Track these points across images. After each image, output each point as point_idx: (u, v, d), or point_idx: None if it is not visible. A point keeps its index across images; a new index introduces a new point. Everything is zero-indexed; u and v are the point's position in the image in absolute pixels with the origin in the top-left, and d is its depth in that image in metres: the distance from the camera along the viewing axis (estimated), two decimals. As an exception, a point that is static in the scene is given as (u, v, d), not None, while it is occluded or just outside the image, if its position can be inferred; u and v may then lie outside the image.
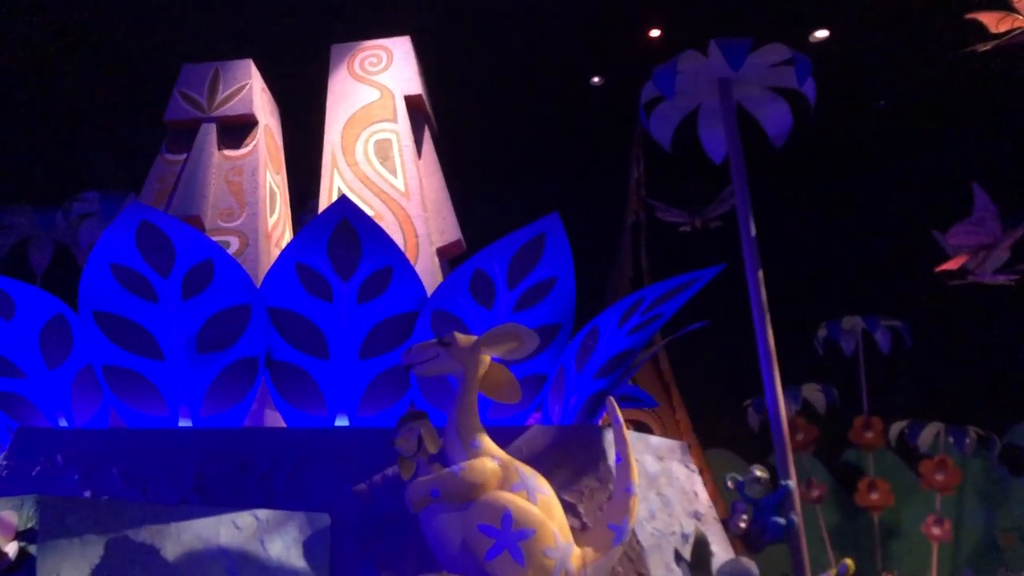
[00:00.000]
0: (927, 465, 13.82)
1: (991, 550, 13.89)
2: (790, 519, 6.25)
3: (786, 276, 15.71)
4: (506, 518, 4.24)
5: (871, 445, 14.36)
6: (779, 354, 15.39)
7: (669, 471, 5.97)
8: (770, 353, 6.71)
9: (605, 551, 4.53)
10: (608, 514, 4.67)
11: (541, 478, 4.58)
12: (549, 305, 5.65)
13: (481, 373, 4.60)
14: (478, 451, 4.48)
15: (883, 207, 14.47)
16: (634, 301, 5.88)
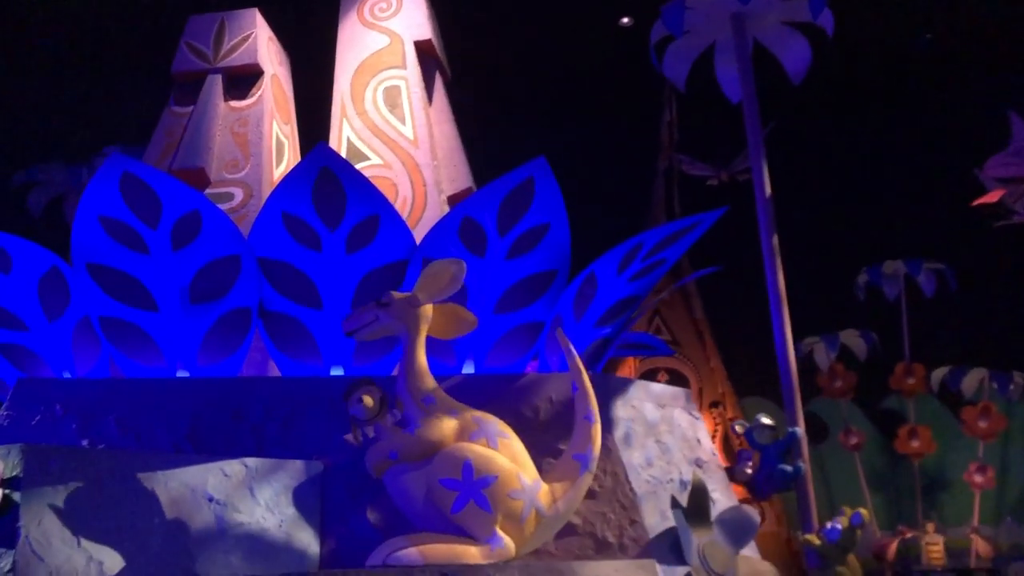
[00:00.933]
0: (970, 412, 13.51)
1: (1036, 498, 13.58)
2: (796, 466, 6.12)
3: (825, 221, 15.35)
4: (466, 468, 4.21)
5: (912, 391, 14.06)
6: (818, 301, 15.11)
7: (671, 418, 5.89)
8: (780, 299, 6.51)
9: (572, 482, 4.50)
10: (572, 445, 4.63)
11: (501, 423, 4.54)
12: (543, 252, 5.56)
13: (425, 325, 4.55)
14: (432, 407, 4.45)
15: (920, 144, 13.95)
16: (633, 246, 5.76)
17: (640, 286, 6.22)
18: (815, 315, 14.82)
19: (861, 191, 14.70)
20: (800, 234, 15.22)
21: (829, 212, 14.99)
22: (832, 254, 15.01)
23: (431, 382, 4.56)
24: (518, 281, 5.64)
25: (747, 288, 15.02)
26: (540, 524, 4.38)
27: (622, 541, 5.11)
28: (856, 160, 14.76)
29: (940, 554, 12.92)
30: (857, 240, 14.91)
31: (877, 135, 14.45)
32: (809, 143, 14.82)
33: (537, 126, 13.69)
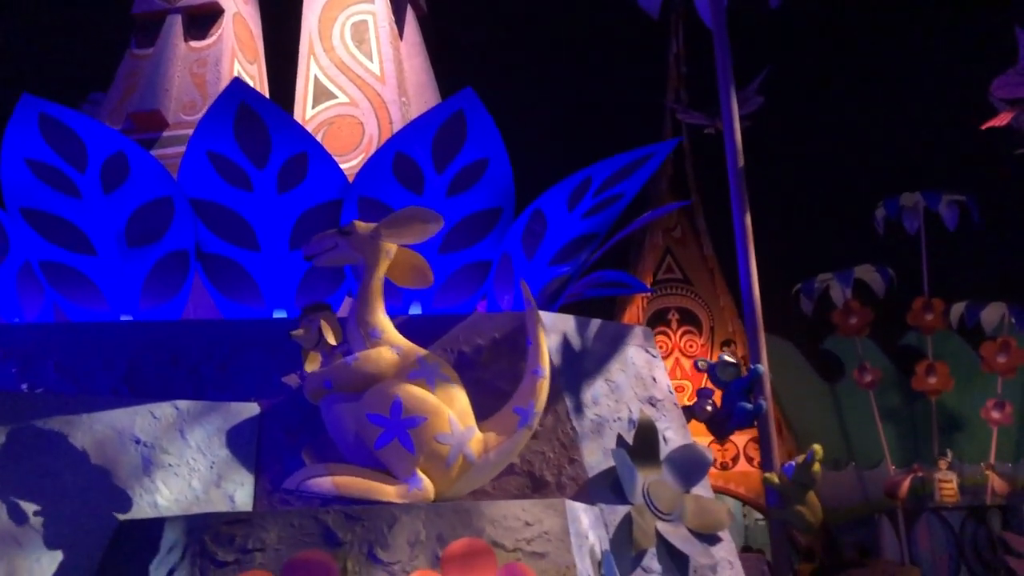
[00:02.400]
0: (988, 347, 13.15)
1: (1057, 434, 13.23)
2: (758, 404, 5.95)
3: (840, 155, 14.89)
4: (395, 406, 4.13)
5: (931, 327, 13.71)
6: (834, 237, 14.75)
7: (625, 357, 5.75)
8: (745, 231, 6.24)
9: (509, 435, 4.39)
10: (515, 398, 4.52)
11: (445, 365, 4.45)
12: (485, 189, 5.40)
13: (385, 261, 4.44)
14: (377, 341, 4.36)
15: (934, 68, 13.36)
16: (581, 181, 5.57)
17: (596, 223, 6.05)
18: (834, 251, 14.50)
19: (876, 123, 14.17)
20: (815, 168, 14.83)
21: (845, 146, 14.53)
22: (851, 188, 14.60)
23: (382, 317, 4.48)
24: (462, 219, 5.50)
25: (758, 225, 14.70)
26: (468, 471, 4.30)
27: (560, 480, 5.03)
28: (868, 91, 14.21)
29: (953, 491, 12.71)
30: (876, 173, 14.47)
31: (890, 63, 13.88)
32: (821, 75, 14.32)
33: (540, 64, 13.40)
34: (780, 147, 14.67)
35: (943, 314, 13.53)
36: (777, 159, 14.72)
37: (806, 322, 14.27)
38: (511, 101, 14.68)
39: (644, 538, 4.88)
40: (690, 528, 5.21)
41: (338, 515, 3.86)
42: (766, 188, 14.90)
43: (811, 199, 14.60)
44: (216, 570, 3.67)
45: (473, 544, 3.66)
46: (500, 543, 3.80)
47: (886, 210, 13.74)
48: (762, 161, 15.04)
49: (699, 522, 5.26)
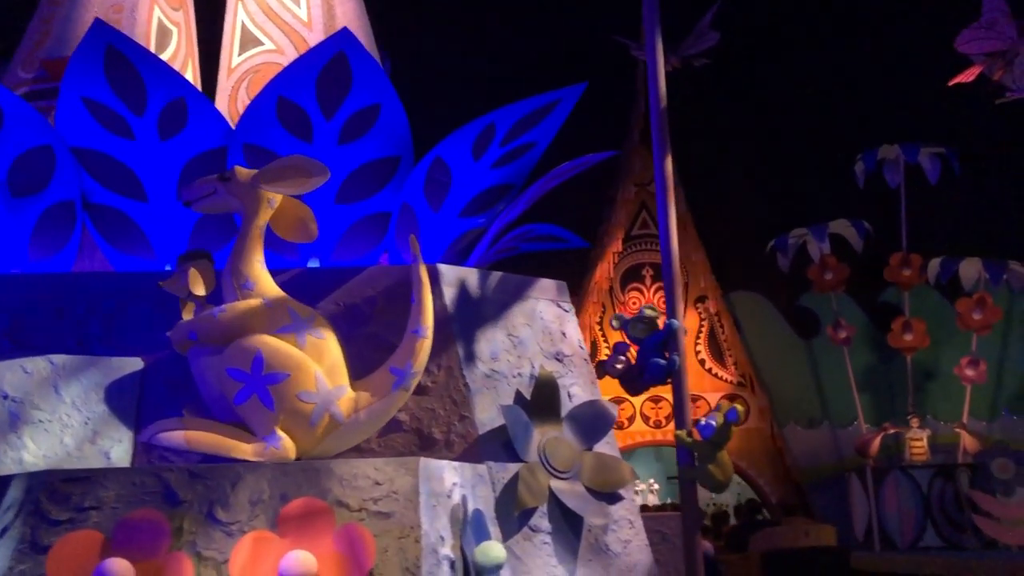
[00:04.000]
0: (965, 303, 12.86)
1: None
2: (671, 359, 5.73)
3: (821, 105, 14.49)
4: (256, 361, 3.99)
5: (908, 283, 13.41)
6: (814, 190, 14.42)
7: (532, 311, 5.57)
8: (665, 177, 5.98)
9: (383, 395, 4.25)
10: (392, 357, 4.36)
11: (320, 320, 4.30)
12: (379, 136, 5.20)
13: (266, 211, 4.28)
14: (249, 293, 4.21)
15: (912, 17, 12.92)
16: (483, 128, 5.36)
17: (508, 174, 5.84)
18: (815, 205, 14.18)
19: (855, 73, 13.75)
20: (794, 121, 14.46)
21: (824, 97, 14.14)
22: (831, 140, 14.23)
23: (258, 268, 4.33)
24: (357, 168, 5.31)
25: (733, 180, 14.44)
26: (335, 431, 4.16)
27: (449, 438, 4.89)
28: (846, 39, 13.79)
29: (923, 450, 12.53)
30: (857, 125, 14.09)
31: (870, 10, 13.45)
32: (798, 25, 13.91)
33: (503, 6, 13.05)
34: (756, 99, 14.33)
35: (921, 269, 13.22)
36: (753, 111, 14.39)
37: (783, 278, 14.00)
38: (470, 47, 14.37)
39: (530, 497, 4.74)
40: (588, 486, 5.08)
41: (181, 473, 3.74)
42: (742, 141, 14.61)
43: (791, 152, 14.26)
44: (48, 529, 3.57)
45: (310, 504, 3.53)
46: (345, 502, 3.67)
47: (865, 163, 13.38)
48: (737, 113, 14.73)
49: (598, 480, 5.12)
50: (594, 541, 4.98)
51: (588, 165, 6.41)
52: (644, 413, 13.81)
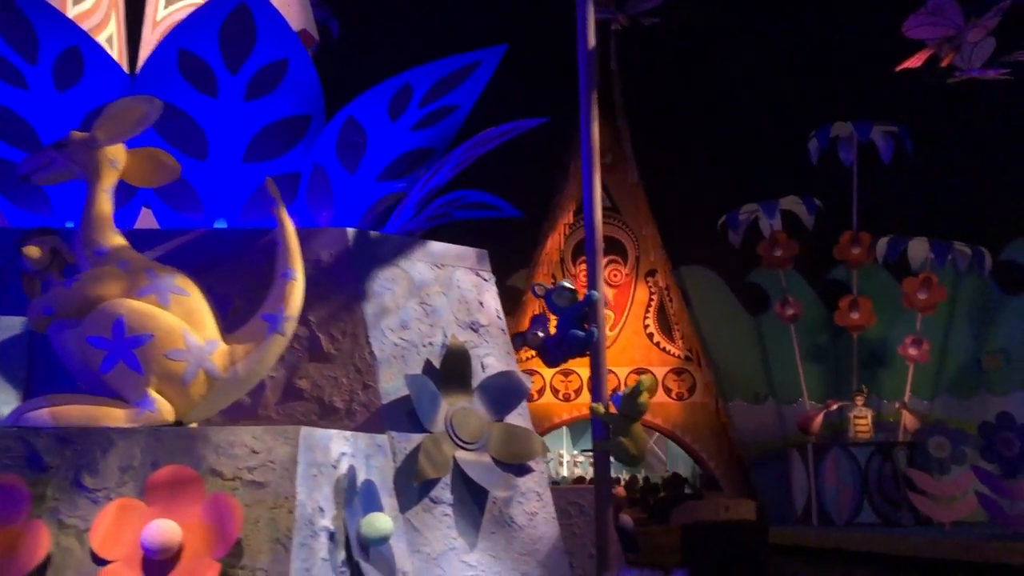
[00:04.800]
0: (911, 283, 12.95)
1: (974, 372, 13.12)
2: (590, 331, 5.65)
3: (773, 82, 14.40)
4: (118, 325, 3.81)
5: (857, 261, 13.47)
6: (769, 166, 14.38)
7: (449, 279, 5.43)
8: (591, 145, 5.84)
9: (258, 343, 4.09)
10: (264, 304, 4.20)
11: (183, 277, 4.11)
12: (288, 93, 5.01)
13: (111, 172, 4.07)
14: (102, 260, 4.02)
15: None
16: (399, 89, 5.17)
17: (430, 137, 5.67)
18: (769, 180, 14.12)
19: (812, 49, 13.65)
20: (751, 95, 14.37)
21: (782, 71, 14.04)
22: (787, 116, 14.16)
23: (110, 234, 4.13)
24: (266, 126, 5.11)
25: (687, 155, 14.35)
26: (214, 388, 4.00)
27: (351, 407, 4.76)
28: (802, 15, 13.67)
29: (867, 427, 12.65)
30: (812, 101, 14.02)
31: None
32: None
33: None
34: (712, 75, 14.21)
35: (870, 248, 13.27)
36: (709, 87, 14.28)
37: (733, 253, 13.99)
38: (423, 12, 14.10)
39: (431, 467, 4.64)
40: (496, 458, 4.99)
41: (49, 438, 3.58)
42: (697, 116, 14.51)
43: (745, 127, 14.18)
44: (-97, 493, 3.40)
45: (179, 472, 3.39)
46: (219, 471, 3.53)
47: (818, 140, 13.35)
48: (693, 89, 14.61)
49: (506, 451, 5.02)
50: (498, 513, 4.89)
51: (518, 131, 6.24)
52: (554, 386, 13.75)
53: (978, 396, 12.91)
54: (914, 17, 9.71)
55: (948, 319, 13.47)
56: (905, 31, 9.80)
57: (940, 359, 13.41)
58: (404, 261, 5.31)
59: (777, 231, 13.56)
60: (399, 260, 5.29)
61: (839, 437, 12.71)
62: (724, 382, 13.86)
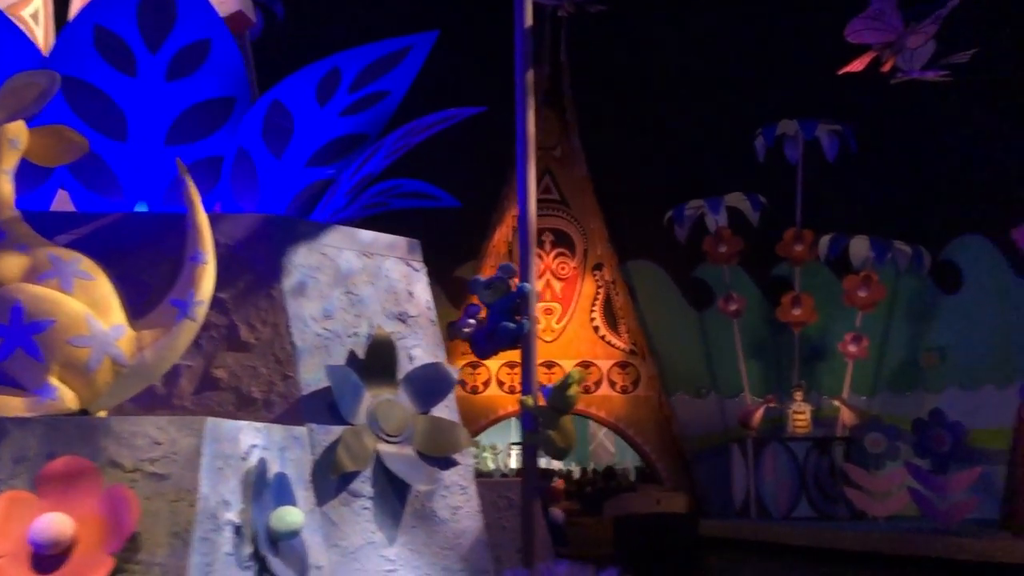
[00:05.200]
0: (851, 280, 13.11)
1: (912, 369, 13.35)
2: (521, 323, 5.60)
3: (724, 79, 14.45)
4: (15, 311, 3.66)
5: (800, 258, 13.61)
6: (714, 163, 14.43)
7: (377, 269, 5.33)
8: (526, 136, 5.80)
9: (167, 329, 3.96)
10: (173, 289, 4.07)
11: (88, 262, 3.96)
12: (212, 74, 4.86)
13: (11, 153, 3.90)
14: (0, 243, 3.86)
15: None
16: (326, 72, 5.05)
17: (360, 123, 5.54)
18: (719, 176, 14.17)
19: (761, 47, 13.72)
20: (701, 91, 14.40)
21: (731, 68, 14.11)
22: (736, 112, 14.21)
23: (9, 216, 3.96)
24: (188, 108, 4.96)
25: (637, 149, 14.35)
26: (121, 375, 3.87)
27: (269, 397, 4.65)
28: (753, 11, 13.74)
29: (806, 422, 12.80)
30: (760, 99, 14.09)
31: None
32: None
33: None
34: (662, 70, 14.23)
35: (812, 246, 13.41)
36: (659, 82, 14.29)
37: (680, 249, 14.05)
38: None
39: (350, 460, 4.54)
40: (420, 451, 4.91)
41: (-61, 426, 3.43)
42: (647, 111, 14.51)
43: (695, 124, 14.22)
44: None
45: (73, 463, 3.27)
46: (119, 462, 3.41)
47: (764, 138, 13.45)
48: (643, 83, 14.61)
49: (431, 445, 4.94)
50: (420, 507, 4.82)
51: (455, 120, 6.15)
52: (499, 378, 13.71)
53: (915, 393, 13.14)
54: (856, 21, 9.81)
55: (887, 317, 13.68)
56: (847, 35, 9.90)
57: (879, 356, 13.63)
58: (330, 249, 5.19)
59: (722, 227, 13.65)
60: (325, 248, 5.18)
61: (778, 432, 12.85)
62: (667, 376, 13.94)
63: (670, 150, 14.13)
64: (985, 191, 11.68)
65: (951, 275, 13.01)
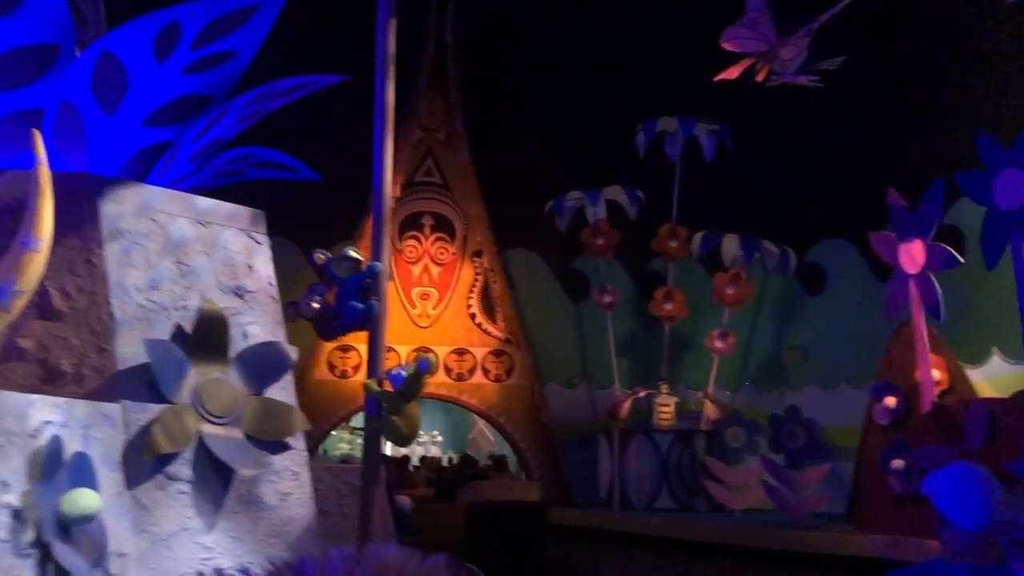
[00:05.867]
0: (721, 278, 13.36)
1: (775, 367, 13.73)
2: (369, 304, 5.40)
3: (612, 72, 14.52)
4: None
5: (674, 254, 13.78)
6: (600, 154, 14.46)
7: (214, 239, 5.03)
8: (384, 111, 5.58)
9: None
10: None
11: None
12: (30, 17, 4.48)
13: None
14: None
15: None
16: (164, 26, 4.71)
17: (204, 83, 5.21)
18: (601, 169, 14.18)
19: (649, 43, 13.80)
20: (590, 82, 14.40)
21: (618, 61, 14.15)
22: (624, 105, 14.23)
23: None
24: (3, 54, 4.55)
25: (522, 136, 14.25)
26: None
27: (80, 371, 4.32)
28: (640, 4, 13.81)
29: (670, 415, 13.00)
30: (646, 93, 14.16)
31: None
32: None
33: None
34: (550, 58, 14.16)
35: (687, 242, 13.60)
36: (547, 69, 14.21)
37: (560, 239, 14.04)
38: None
39: (167, 441, 4.26)
40: (250, 433, 4.65)
41: None
42: (535, 98, 14.43)
43: (582, 114, 14.21)
44: None
45: None
46: None
47: (644, 134, 13.55)
48: (531, 69, 14.51)
49: (262, 427, 4.70)
50: (245, 492, 4.58)
51: (315, 87, 5.88)
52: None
53: (777, 390, 13.51)
54: (730, 29, 9.91)
55: (754, 315, 14.02)
56: (722, 43, 10.01)
57: (745, 353, 13.96)
58: (162, 215, 4.87)
59: (601, 220, 13.70)
60: (156, 214, 4.85)
61: (645, 424, 13.01)
62: (541, 366, 13.94)
63: (554, 140, 14.07)
64: (851, 196, 12.04)
65: (815, 277, 13.41)
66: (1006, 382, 9.45)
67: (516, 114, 14.03)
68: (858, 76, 11.47)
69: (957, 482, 3.16)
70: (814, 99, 11.62)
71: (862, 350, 11.72)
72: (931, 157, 10.51)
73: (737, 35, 9.83)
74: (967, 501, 3.09)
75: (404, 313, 13.62)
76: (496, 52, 14.07)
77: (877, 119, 12.04)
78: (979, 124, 8.91)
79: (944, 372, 9.54)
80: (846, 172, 12.32)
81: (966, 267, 8.63)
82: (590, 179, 13.91)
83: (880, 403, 9.72)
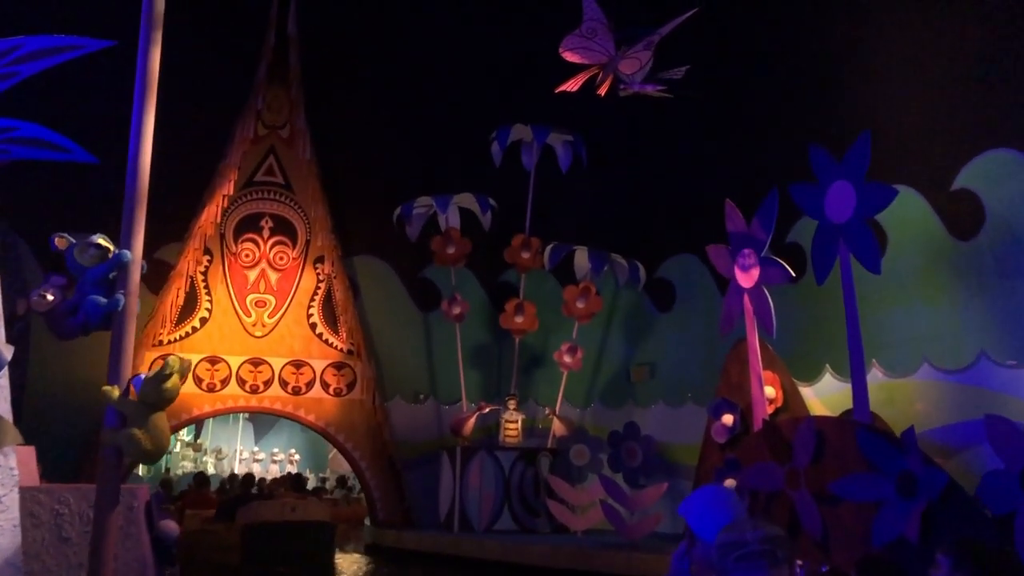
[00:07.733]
0: (571, 291, 13.01)
1: (624, 383, 13.46)
2: (115, 299, 4.66)
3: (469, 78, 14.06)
4: None
5: (526, 266, 13.36)
6: (456, 161, 13.94)
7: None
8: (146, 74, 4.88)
9: None
10: None
11: None
12: None
13: None
14: None
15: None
16: None
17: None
18: (457, 176, 13.65)
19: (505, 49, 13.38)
20: (447, 88, 13.89)
21: (473, 67, 13.69)
22: (478, 111, 13.77)
23: None
24: None
25: (370, 134, 13.61)
26: None
27: None
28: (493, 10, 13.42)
29: (516, 431, 12.53)
30: (504, 101, 13.74)
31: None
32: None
33: None
34: (398, 53, 13.60)
35: (539, 253, 13.22)
36: (395, 64, 13.63)
37: (410, 246, 13.42)
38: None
39: None
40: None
41: None
42: (383, 95, 13.82)
43: (437, 119, 13.67)
44: None
45: None
46: None
47: (498, 141, 13.13)
48: (378, 64, 13.90)
49: (-46, 442, 3.90)
50: (-82, 521, 3.76)
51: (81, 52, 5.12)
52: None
53: (626, 407, 13.22)
54: (569, 39, 9.56)
55: (604, 330, 13.75)
56: (561, 52, 9.66)
57: (594, 368, 13.65)
58: None
59: (452, 228, 13.18)
60: None
61: (491, 441, 12.51)
62: (386, 379, 13.27)
63: (405, 142, 13.49)
64: (700, 211, 11.89)
65: (665, 292, 13.21)
66: (837, 400, 9.36)
67: (364, 113, 13.39)
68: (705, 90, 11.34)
69: (707, 503, 3.33)
70: (669, 112, 11.44)
71: (706, 367, 11.55)
72: (775, 171, 10.43)
73: (576, 45, 9.49)
74: (716, 521, 3.17)
75: (237, 321, 12.73)
76: (343, 47, 13.43)
77: (725, 133, 11.95)
78: (819, 138, 8.80)
79: (779, 389, 9.39)
80: (696, 186, 12.17)
81: (804, 284, 8.48)
82: (444, 185, 13.37)
83: (718, 421, 9.48)
